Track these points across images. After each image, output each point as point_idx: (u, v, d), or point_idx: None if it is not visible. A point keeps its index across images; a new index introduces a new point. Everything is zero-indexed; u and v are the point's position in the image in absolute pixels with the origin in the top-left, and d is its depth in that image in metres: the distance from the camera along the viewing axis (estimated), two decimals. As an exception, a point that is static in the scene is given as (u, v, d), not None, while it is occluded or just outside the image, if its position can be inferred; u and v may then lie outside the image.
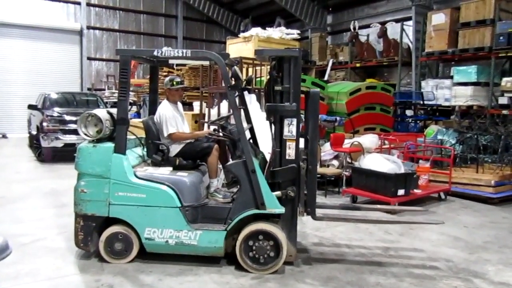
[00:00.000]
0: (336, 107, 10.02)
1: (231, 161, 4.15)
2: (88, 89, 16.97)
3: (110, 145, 3.99)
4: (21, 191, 6.96)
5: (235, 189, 4.22)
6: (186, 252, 3.97)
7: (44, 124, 9.75)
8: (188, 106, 9.96)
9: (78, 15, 17.20)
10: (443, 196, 6.89)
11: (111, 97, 14.48)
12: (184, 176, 4.05)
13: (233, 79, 4.01)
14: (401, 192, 6.17)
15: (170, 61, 4.77)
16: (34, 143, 10.89)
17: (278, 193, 3.88)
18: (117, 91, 4.86)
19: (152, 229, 3.91)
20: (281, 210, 3.85)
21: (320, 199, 5.16)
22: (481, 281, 3.84)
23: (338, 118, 9.30)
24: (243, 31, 12.77)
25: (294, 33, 11.10)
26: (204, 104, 8.46)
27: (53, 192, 6.92)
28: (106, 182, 3.91)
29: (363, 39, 14.20)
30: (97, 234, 4.01)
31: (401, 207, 5.77)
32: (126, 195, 3.90)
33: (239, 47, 10.47)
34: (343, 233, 5.11)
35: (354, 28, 13.67)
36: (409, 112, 11.93)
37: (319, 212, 4.17)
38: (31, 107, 10.96)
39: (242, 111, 4.47)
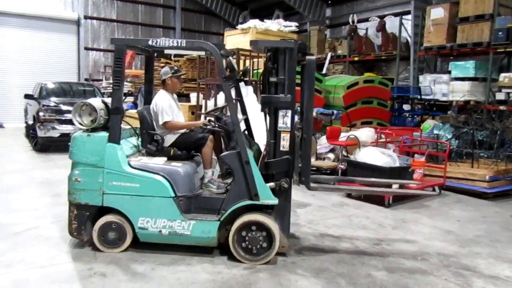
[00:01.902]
0: (333, 101, 10.04)
1: (225, 152, 4.15)
2: (86, 79, 16.86)
3: (104, 134, 3.99)
4: (16, 181, 6.96)
5: (229, 180, 4.23)
6: (179, 242, 3.99)
7: (41, 114, 9.71)
8: (185, 97, 9.93)
9: (76, 5, 17.04)
10: (437, 190, 6.92)
11: (108, 87, 14.40)
12: (179, 167, 4.05)
13: (228, 70, 4.00)
14: (395, 185, 6.19)
15: (167, 52, 4.74)
16: (30, 133, 10.85)
17: (271, 184, 3.89)
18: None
19: (146, 218, 3.92)
20: (274, 201, 3.87)
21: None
22: (471, 274, 3.87)
23: (335, 112, 9.33)
24: (241, 23, 12.72)
25: (292, 25, 11.08)
26: (201, 96, 8.45)
27: (48, 182, 6.92)
28: (100, 171, 3.90)
29: (361, 33, 14.16)
30: (91, 223, 4.03)
31: (396, 180, 5.80)
32: (120, 185, 3.90)
33: (237, 39, 10.45)
34: (336, 225, 5.13)
35: (353, 22, 13.63)
36: (406, 107, 11.95)
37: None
38: (27, 96, 10.93)
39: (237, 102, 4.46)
